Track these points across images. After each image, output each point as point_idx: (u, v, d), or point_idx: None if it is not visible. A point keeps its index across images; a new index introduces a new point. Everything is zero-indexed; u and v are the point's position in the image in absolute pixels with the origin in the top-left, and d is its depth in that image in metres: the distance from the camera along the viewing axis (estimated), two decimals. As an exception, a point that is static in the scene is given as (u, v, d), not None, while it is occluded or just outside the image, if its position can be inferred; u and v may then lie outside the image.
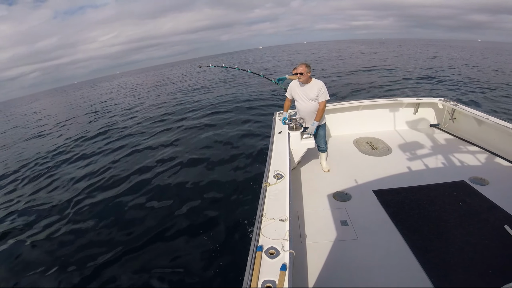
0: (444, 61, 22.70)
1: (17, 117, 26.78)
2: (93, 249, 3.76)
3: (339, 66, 21.93)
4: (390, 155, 3.97)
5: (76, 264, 3.55)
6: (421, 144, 4.23)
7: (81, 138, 10.27)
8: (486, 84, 12.40)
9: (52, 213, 5.01)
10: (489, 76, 14.99)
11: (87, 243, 3.93)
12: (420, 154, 3.90)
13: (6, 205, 5.69)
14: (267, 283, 1.40)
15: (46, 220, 4.80)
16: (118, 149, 7.99)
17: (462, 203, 2.75)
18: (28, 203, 5.57)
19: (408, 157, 3.85)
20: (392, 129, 4.91)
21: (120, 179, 5.80)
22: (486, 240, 2.28)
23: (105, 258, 3.56)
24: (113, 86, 41.50)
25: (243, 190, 4.59)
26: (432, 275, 2.00)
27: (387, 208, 2.78)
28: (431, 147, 4.12)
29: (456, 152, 3.85)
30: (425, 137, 4.46)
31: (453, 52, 35.70)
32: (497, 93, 10.61)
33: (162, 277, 3.16)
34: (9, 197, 6.14)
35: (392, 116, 4.93)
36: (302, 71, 3.21)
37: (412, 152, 3.98)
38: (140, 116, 12.35)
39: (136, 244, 3.72)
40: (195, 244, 3.60)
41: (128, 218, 4.39)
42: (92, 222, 4.41)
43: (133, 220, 4.29)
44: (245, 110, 10.18)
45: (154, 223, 4.12)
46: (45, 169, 7.56)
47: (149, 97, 18.98)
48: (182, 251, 3.51)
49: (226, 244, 3.50)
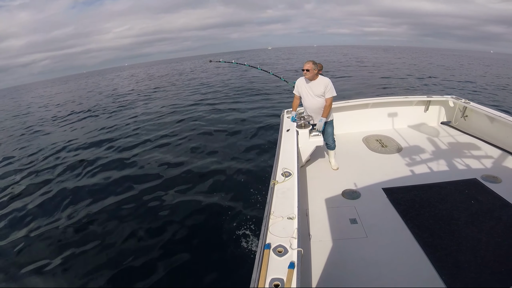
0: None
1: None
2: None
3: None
4: (400, 153, 3.92)
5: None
6: (432, 141, 4.17)
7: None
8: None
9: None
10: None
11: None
12: (430, 152, 3.84)
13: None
14: (275, 281, 1.40)
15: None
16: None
17: (474, 201, 2.70)
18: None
19: (419, 155, 3.80)
20: (402, 127, 4.85)
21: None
22: (498, 238, 2.24)
23: (104, 256, 3.62)
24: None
25: (251, 188, 4.61)
26: (443, 274, 1.97)
27: (397, 206, 2.75)
28: (442, 144, 4.05)
29: (468, 149, 3.78)
30: (436, 135, 4.38)
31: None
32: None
33: (167, 274, 3.18)
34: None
35: (402, 114, 4.86)
36: (308, 68, 3.22)
37: (422, 150, 3.93)
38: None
39: (136, 242, 3.78)
40: (202, 241, 3.63)
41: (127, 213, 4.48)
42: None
43: (132, 217, 4.36)
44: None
45: (155, 221, 4.18)
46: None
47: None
48: (189, 248, 3.53)
49: (233, 242, 3.51)
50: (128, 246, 3.75)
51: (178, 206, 4.50)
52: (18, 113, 18.99)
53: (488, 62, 39.55)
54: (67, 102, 20.61)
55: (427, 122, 4.87)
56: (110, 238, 3.94)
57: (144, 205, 4.63)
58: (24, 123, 13.92)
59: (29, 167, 7.10)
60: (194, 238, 3.72)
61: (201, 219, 4.08)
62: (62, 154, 7.75)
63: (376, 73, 19.18)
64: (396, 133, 4.59)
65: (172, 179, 5.44)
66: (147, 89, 20.73)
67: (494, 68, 28.22)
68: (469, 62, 36.85)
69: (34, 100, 28.21)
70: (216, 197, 4.58)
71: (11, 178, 6.62)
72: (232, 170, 5.43)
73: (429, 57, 42.14)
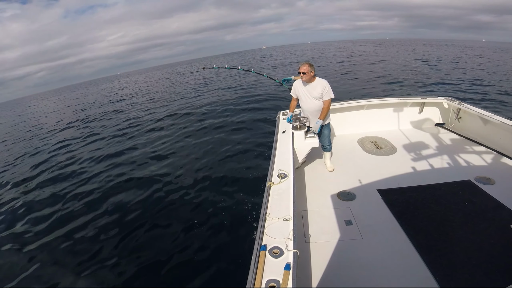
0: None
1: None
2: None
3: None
4: (395, 155, 3.95)
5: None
6: (426, 143, 4.20)
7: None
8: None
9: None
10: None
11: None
12: (425, 154, 3.87)
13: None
14: (271, 282, 1.40)
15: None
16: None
17: (468, 202, 2.73)
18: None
19: (413, 156, 3.83)
20: (397, 128, 4.88)
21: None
22: (492, 239, 2.26)
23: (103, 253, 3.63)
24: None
25: (247, 189, 4.61)
26: (437, 275, 1.98)
27: (392, 207, 2.76)
28: (436, 146, 4.09)
29: (462, 151, 3.82)
30: (430, 137, 4.42)
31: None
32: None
33: (164, 275, 3.18)
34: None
35: (397, 115, 4.89)
36: (305, 71, 3.22)
37: (417, 151, 3.96)
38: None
39: (134, 243, 3.78)
40: (198, 243, 3.62)
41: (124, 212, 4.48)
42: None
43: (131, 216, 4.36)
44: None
45: (155, 220, 4.17)
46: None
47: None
48: (184, 249, 3.53)
49: (229, 243, 3.51)
50: (126, 245, 3.74)
51: (177, 207, 4.49)
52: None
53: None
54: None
55: (421, 124, 4.91)
56: (105, 238, 3.92)
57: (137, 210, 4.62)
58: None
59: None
60: (188, 239, 3.71)
61: (196, 220, 4.06)
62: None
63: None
64: (391, 134, 4.62)
65: (169, 180, 5.43)
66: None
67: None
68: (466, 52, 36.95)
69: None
70: (212, 198, 4.57)
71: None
72: (228, 171, 5.43)
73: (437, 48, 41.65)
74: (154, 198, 4.90)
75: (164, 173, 5.80)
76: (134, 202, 4.82)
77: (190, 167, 5.91)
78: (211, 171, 5.59)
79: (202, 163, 6.01)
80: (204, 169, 5.74)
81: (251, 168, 5.41)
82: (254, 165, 5.50)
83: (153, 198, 4.90)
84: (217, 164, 5.87)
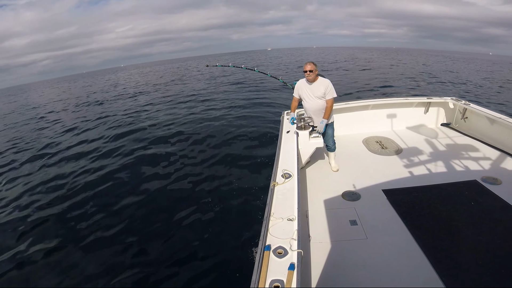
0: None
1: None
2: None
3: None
4: (400, 155, 3.92)
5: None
6: (432, 143, 4.17)
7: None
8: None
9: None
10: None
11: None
12: (430, 154, 3.84)
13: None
14: (275, 282, 1.41)
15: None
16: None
17: (474, 202, 2.71)
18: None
19: (419, 156, 3.80)
20: (402, 128, 4.85)
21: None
22: (498, 239, 2.24)
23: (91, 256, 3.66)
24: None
25: (251, 189, 4.61)
26: (443, 275, 1.97)
27: (397, 207, 2.75)
28: (442, 146, 4.06)
29: (468, 151, 3.78)
30: (436, 137, 4.39)
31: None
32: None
33: (167, 275, 3.18)
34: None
35: (402, 115, 4.87)
36: (311, 69, 3.23)
37: (422, 151, 3.93)
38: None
39: (134, 243, 3.78)
40: (201, 242, 3.63)
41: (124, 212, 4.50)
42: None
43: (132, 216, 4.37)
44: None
45: (155, 220, 4.19)
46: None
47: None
48: (189, 249, 3.53)
49: (234, 243, 3.51)
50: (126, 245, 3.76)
51: (177, 207, 4.51)
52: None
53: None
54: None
55: (427, 124, 4.88)
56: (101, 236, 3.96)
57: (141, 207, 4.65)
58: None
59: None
60: (193, 239, 3.71)
61: (199, 220, 4.08)
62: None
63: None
64: (396, 134, 4.59)
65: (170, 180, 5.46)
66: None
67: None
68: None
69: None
70: (215, 198, 4.58)
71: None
72: (231, 172, 5.44)
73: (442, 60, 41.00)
74: (159, 188, 5.00)
75: (172, 160, 5.99)
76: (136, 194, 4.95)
77: (198, 161, 6.01)
78: (210, 170, 5.64)
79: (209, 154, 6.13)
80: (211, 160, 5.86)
81: (255, 167, 5.43)
82: (258, 165, 5.51)
83: (159, 188, 5.00)
84: (224, 161, 5.92)
